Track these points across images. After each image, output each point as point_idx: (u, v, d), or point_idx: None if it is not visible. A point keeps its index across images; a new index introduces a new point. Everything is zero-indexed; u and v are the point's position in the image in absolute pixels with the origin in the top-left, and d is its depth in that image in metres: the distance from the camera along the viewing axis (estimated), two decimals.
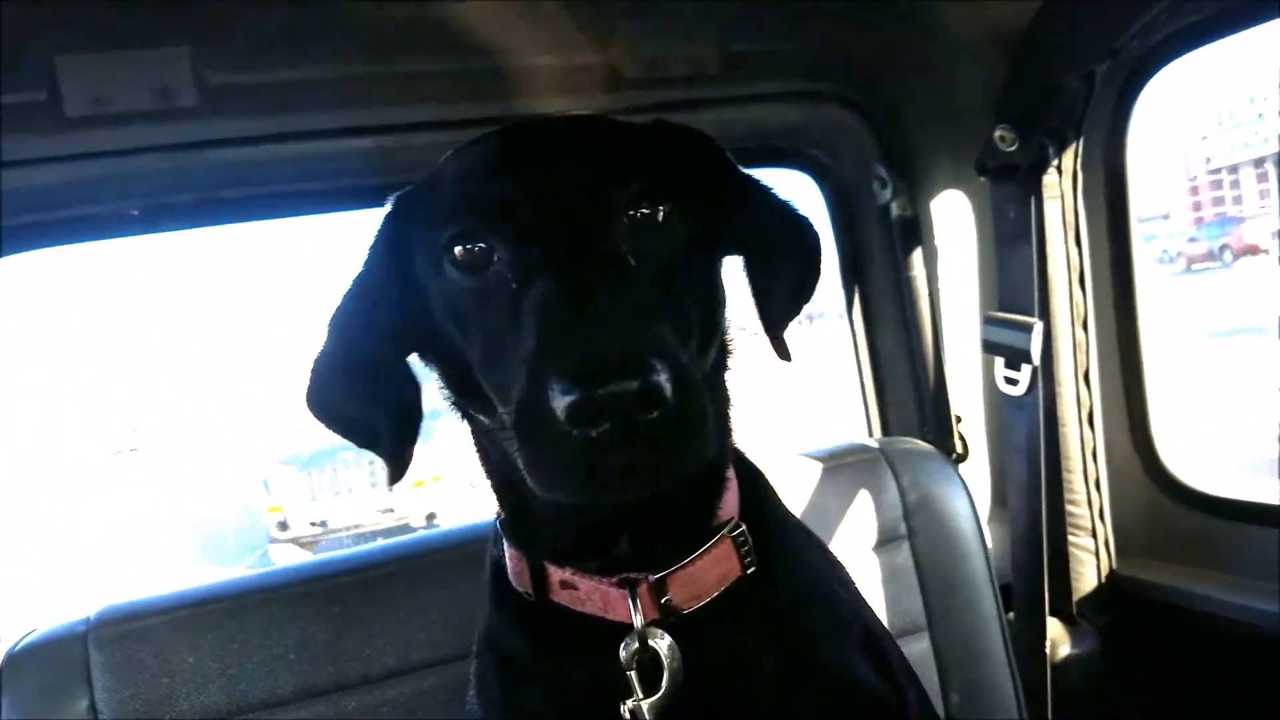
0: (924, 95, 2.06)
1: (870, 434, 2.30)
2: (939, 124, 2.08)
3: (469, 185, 1.02)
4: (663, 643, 1.04)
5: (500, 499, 1.13)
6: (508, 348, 0.93)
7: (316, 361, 1.12)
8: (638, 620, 1.03)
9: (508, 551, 1.13)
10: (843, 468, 1.93)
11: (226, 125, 1.79)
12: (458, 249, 0.98)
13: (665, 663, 1.03)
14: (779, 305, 1.15)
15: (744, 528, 1.11)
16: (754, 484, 1.19)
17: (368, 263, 1.13)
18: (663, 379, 0.79)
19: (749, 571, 1.10)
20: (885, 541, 1.90)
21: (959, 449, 2.13)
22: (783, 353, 1.17)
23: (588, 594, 1.06)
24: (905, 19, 1.94)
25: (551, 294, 0.90)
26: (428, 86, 1.87)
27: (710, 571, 1.07)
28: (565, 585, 1.07)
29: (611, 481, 0.84)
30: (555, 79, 1.92)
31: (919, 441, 2.06)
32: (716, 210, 1.10)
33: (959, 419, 2.14)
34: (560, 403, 0.79)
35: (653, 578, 1.04)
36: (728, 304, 1.12)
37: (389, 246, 1.12)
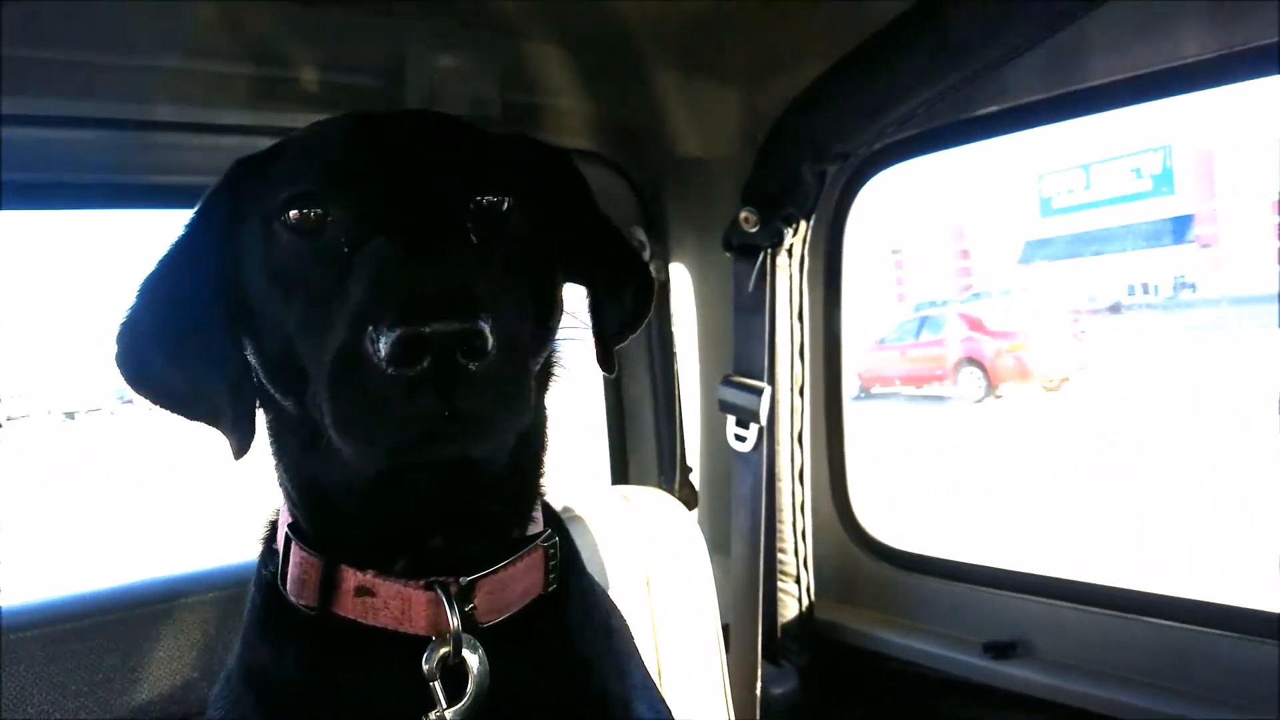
0: (684, 172, 2.24)
1: (613, 481, 2.40)
2: (693, 199, 2.27)
3: (311, 149, 1.01)
4: (472, 651, 1.00)
5: (299, 495, 1.05)
6: (331, 310, 0.89)
7: (127, 328, 1.04)
8: (454, 621, 0.98)
9: (294, 559, 1.03)
10: (589, 513, 1.99)
11: None
12: (292, 211, 0.95)
13: (472, 671, 0.99)
14: (612, 330, 1.20)
15: (557, 540, 1.12)
16: (549, 509, 1.19)
17: (193, 227, 1.06)
18: (487, 329, 0.80)
19: (550, 589, 1.09)
20: (624, 585, 1.98)
21: (689, 498, 2.28)
22: (608, 366, 1.21)
23: (386, 600, 0.99)
24: (673, 98, 2.10)
25: (384, 250, 0.89)
26: (187, 85, 1.75)
27: (518, 582, 1.05)
28: (361, 591, 1.00)
29: (425, 434, 0.83)
30: (330, 95, 1.87)
31: (657, 490, 2.18)
32: (565, 228, 1.13)
33: (689, 470, 2.30)
34: (383, 341, 0.78)
35: (463, 580, 1.00)
36: (559, 323, 1.11)
37: (220, 212, 1.05)
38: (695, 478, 2.35)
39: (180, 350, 1.03)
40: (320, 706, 1.00)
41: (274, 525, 1.13)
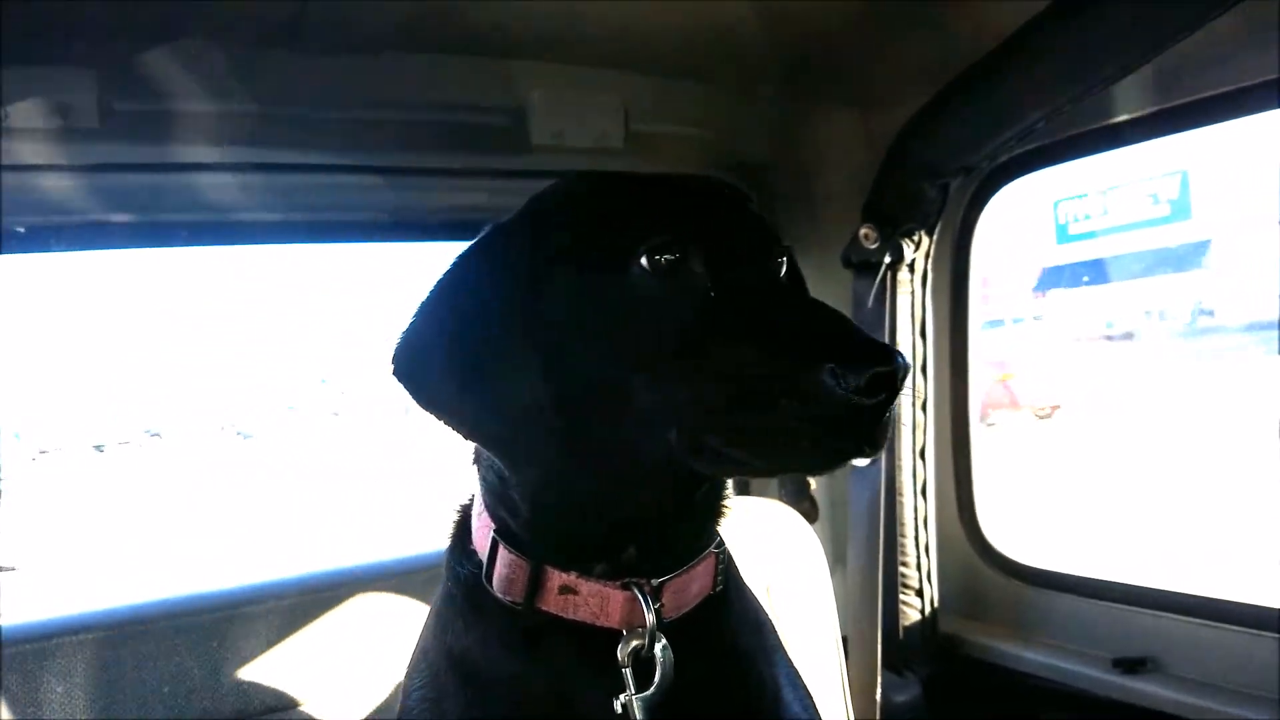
0: (800, 192, 2.28)
1: (736, 493, 2.47)
2: (810, 218, 2.31)
3: (662, 202, 1.12)
4: (660, 644, 1.12)
5: (530, 506, 1.15)
6: (702, 344, 1.02)
7: (408, 349, 1.13)
8: (650, 618, 1.11)
9: (503, 560, 1.15)
10: None
11: (124, 150, 1.80)
12: (653, 257, 1.05)
13: (659, 661, 1.11)
14: None
15: (725, 548, 1.25)
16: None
17: (477, 261, 1.16)
18: None
19: (717, 589, 1.21)
20: None
21: (809, 511, 2.33)
22: None
23: (586, 597, 1.12)
24: (790, 121, 2.15)
25: (772, 297, 1.08)
26: (328, 131, 1.94)
27: (695, 583, 1.18)
28: (564, 590, 1.13)
29: (858, 445, 0.98)
30: (464, 135, 2.03)
31: (777, 502, 2.24)
32: None
33: (812, 484, 2.35)
34: (852, 376, 0.92)
35: (655, 582, 1.13)
36: None
37: (517, 251, 1.13)
38: (815, 492, 2.40)
39: (476, 377, 1.10)
40: (521, 687, 1.14)
41: (461, 529, 1.26)
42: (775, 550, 2.10)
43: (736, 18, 1.85)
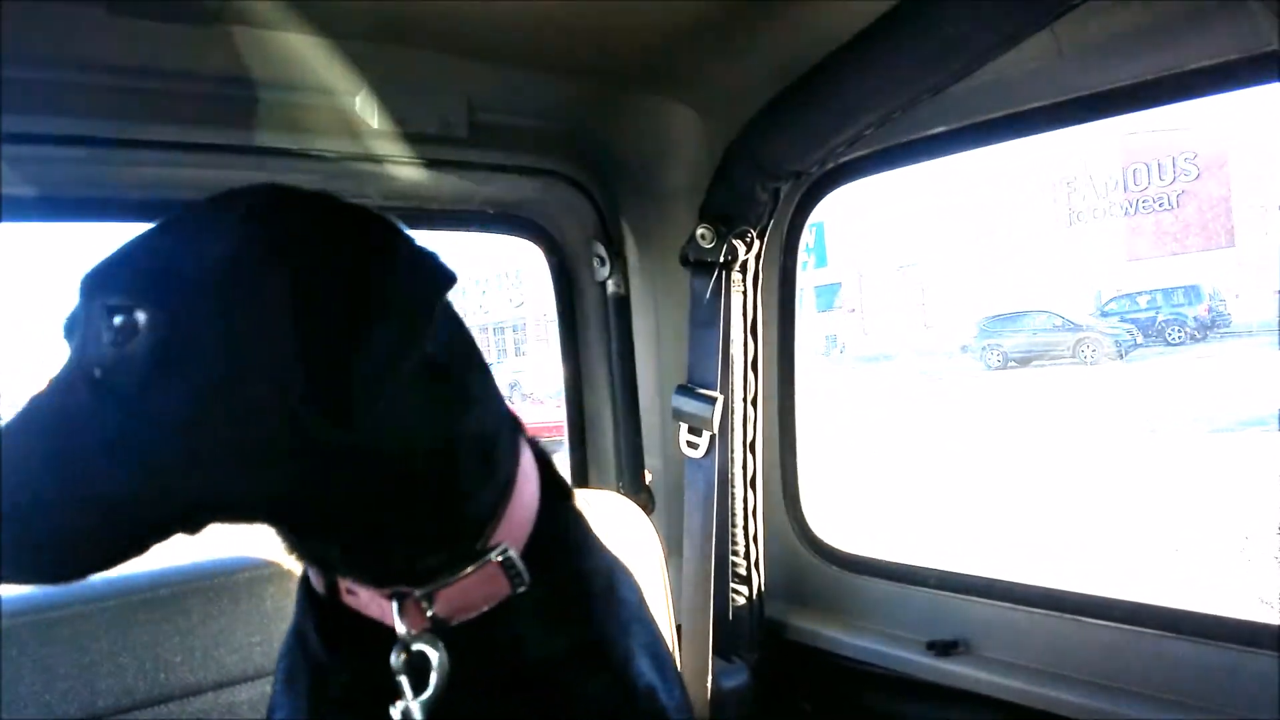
0: (643, 190, 2.33)
1: (574, 485, 2.48)
2: (652, 217, 2.36)
3: None
4: (432, 648, 1.14)
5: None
6: None
7: None
8: (400, 628, 1.14)
9: None
10: None
11: None
12: None
13: (434, 665, 1.13)
14: None
15: (511, 554, 1.19)
16: (556, 509, 1.34)
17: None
18: None
19: (518, 592, 1.19)
20: None
21: (647, 503, 2.38)
22: None
23: (367, 601, 1.18)
24: (634, 119, 2.19)
25: None
26: (153, 104, 1.83)
27: (477, 590, 1.17)
28: (350, 591, 1.19)
29: None
30: (297, 116, 1.95)
31: (616, 494, 2.27)
32: None
33: (648, 476, 2.40)
34: None
35: (419, 592, 1.15)
36: None
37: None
38: (652, 484, 2.44)
39: None
40: (335, 675, 1.20)
41: None
42: (613, 541, 2.10)
43: (578, 13, 1.87)
